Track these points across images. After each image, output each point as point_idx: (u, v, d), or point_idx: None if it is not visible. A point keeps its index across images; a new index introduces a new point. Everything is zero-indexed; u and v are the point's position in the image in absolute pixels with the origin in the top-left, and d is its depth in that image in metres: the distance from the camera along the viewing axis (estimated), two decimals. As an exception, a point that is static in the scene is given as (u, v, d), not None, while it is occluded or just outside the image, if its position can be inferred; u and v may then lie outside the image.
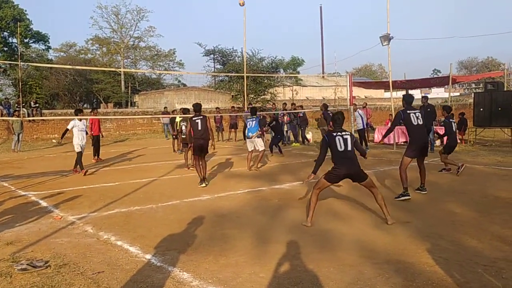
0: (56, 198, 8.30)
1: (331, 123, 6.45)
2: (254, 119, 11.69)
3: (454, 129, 10.49)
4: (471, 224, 5.93)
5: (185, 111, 13.17)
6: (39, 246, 5.32)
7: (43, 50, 46.65)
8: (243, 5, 15.86)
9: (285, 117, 19.60)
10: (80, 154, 11.29)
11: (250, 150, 11.81)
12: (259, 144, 11.56)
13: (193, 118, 9.62)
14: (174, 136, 17.16)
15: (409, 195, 7.60)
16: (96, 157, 14.71)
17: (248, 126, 11.92)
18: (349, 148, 6.01)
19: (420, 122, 7.83)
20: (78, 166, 11.30)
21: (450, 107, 11.41)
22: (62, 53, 55.36)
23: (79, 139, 11.41)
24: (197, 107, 9.75)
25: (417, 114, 7.88)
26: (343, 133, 6.11)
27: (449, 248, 4.91)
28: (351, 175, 6.06)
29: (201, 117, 9.58)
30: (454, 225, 5.91)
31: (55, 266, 4.60)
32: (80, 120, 11.63)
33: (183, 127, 12.58)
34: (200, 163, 9.49)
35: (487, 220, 6.12)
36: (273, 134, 15.94)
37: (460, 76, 22.17)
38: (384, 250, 4.91)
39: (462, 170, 9.89)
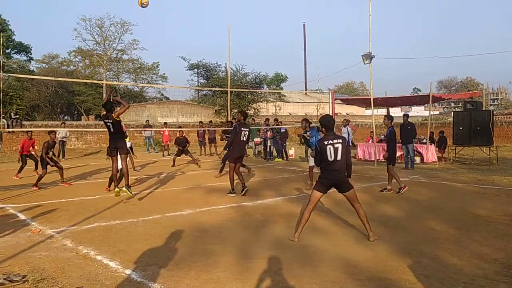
0: (35, 211, 8.14)
1: (322, 129, 6.30)
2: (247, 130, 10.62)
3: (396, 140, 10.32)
4: (451, 241, 6.00)
5: None
6: (16, 260, 5.20)
7: (25, 61, 46.25)
8: (146, 5, 12.87)
9: (268, 133, 19.69)
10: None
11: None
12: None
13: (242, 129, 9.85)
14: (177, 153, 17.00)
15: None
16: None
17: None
18: (339, 157, 5.95)
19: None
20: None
21: (392, 116, 10.94)
22: (44, 64, 54.91)
23: None
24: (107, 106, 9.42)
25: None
26: (335, 140, 6.00)
27: (430, 265, 4.95)
28: (337, 184, 6.07)
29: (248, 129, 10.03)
30: (434, 242, 5.97)
31: (32, 280, 4.49)
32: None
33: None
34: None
35: (467, 237, 6.20)
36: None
37: (440, 94, 22.61)
38: (366, 267, 4.92)
39: (403, 191, 9.86)
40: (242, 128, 9.94)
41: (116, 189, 9.46)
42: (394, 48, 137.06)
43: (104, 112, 9.29)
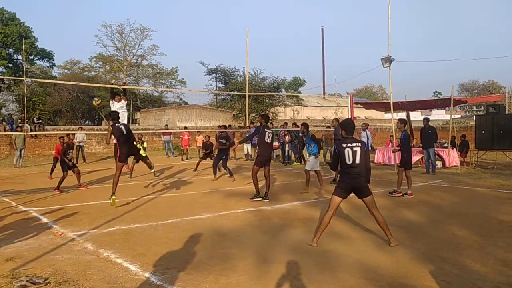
0: (57, 214, 8.27)
1: (343, 132, 6.27)
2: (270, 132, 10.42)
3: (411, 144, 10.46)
4: (474, 247, 5.89)
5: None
6: (39, 263, 5.28)
7: (48, 67, 47.14)
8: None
9: (287, 137, 19.66)
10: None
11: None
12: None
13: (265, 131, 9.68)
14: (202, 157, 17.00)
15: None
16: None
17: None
18: (357, 161, 5.87)
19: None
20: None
21: (406, 120, 11.07)
22: (66, 70, 55.92)
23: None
24: (114, 115, 9.50)
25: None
26: (354, 144, 5.95)
27: (452, 272, 4.86)
28: (356, 188, 5.98)
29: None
30: (457, 248, 5.86)
31: (54, 283, 4.56)
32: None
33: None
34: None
35: (490, 243, 6.07)
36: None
37: (461, 98, 22.24)
38: (386, 273, 4.86)
39: (396, 195, 9.97)
40: (265, 130, 9.82)
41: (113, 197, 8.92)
42: (414, 49, 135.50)
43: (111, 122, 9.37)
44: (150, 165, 10.48)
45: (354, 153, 5.88)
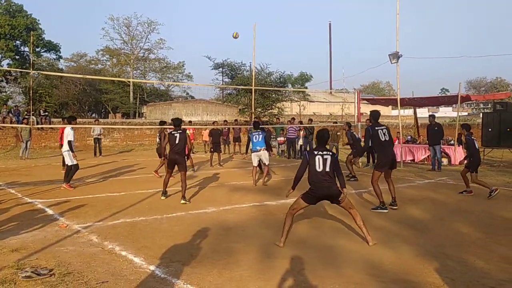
0: (62, 206, 8.31)
1: (314, 141, 6.46)
2: (259, 133, 11.62)
3: (477, 146, 10.18)
4: (478, 244, 5.87)
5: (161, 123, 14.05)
6: (44, 254, 5.32)
7: (54, 59, 47.26)
8: (236, 37, 16.24)
9: (301, 132, 19.64)
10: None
11: (255, 164, 11.71)
12: (266, 158, 11.53)
13: (172, 132, 9.28)
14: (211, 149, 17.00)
15: (386, 209, 7.96)
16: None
17: (254, 140, 11.73)
18: (327, 169, 5.79)
19: (387, 138, 8.22)
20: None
21: (469, 125, 10.97)
22: (72, 63, 56.15)
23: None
24: (177, 122, 9.48)
25: (384, 130, 8.26)
26: (325, 152, 5.92)
27: (456, 269, 4.85)
28: (327, 196, 5.90)
29: (181, 131, 9.29)
30: (461, 245, 5.85)
31: (59, 274, 4.59)
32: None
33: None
34: (171, 177, 9.61)
35: (495, 241, 6.05)
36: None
37: (470, 95, 22.01)
38: (390, 269, 4.86)
39: (495, 194, 9.32)
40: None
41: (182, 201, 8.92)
42: (422, 47, 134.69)
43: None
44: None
45: (324, 160, 5.82)
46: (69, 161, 10.75)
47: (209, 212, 7.99)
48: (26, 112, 24.91)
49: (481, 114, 22.35)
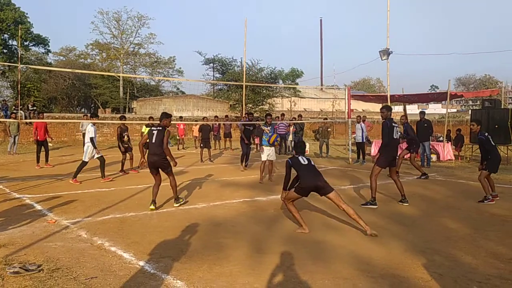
0: (51, 202, 8.25)
1: (293, 151, 7.03)
2: (273, 127, 11.53)
3: (493, 143, 8.88)
4: (466, 240, 5.93)
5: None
6: (32, 250, 5.28)
7: (43, 53, 46.77)
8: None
9: (291, 128, 19.67)
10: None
11: (264, 159, 11.44)
12: (274, 154, 11.53)
13: (152, 129, 8.14)
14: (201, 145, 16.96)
15: (376, 205, 7.99)
16: (46, 163, 14.43)
17: (269, 134, 11.45)
18: (312, 163, 6.52)
19: (397, 137, 8.44)
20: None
21: (480, 120, 9.84)
22: (61, 57, 55.50)
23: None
24: (161, 117, 8.22)
25: (397, 128, 8.40)
26: (304, 156, 6.62)
27: (444, 264, 4.90)
28: (317, 186, 6.25)
29: (160, 128, 8.02)
30: (449, 240, 5.90)
31: (47, 270, 4.55)
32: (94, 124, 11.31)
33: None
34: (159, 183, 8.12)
35: (482, 236, 6.11)
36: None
37: (458, 92, 22.20)
38: (379, 264, 4.89)
39: (488, 203, 8.41)
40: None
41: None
42: (412, 44, 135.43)
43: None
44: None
45: (308, 159, 6.57)
46: (85, 156, 10.98)
47: (200, 208, 7.98)
48: (14, 107, 24.62)
49: (469, 111, 22.51)
